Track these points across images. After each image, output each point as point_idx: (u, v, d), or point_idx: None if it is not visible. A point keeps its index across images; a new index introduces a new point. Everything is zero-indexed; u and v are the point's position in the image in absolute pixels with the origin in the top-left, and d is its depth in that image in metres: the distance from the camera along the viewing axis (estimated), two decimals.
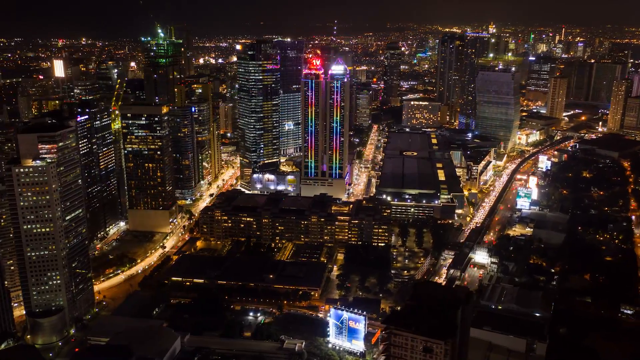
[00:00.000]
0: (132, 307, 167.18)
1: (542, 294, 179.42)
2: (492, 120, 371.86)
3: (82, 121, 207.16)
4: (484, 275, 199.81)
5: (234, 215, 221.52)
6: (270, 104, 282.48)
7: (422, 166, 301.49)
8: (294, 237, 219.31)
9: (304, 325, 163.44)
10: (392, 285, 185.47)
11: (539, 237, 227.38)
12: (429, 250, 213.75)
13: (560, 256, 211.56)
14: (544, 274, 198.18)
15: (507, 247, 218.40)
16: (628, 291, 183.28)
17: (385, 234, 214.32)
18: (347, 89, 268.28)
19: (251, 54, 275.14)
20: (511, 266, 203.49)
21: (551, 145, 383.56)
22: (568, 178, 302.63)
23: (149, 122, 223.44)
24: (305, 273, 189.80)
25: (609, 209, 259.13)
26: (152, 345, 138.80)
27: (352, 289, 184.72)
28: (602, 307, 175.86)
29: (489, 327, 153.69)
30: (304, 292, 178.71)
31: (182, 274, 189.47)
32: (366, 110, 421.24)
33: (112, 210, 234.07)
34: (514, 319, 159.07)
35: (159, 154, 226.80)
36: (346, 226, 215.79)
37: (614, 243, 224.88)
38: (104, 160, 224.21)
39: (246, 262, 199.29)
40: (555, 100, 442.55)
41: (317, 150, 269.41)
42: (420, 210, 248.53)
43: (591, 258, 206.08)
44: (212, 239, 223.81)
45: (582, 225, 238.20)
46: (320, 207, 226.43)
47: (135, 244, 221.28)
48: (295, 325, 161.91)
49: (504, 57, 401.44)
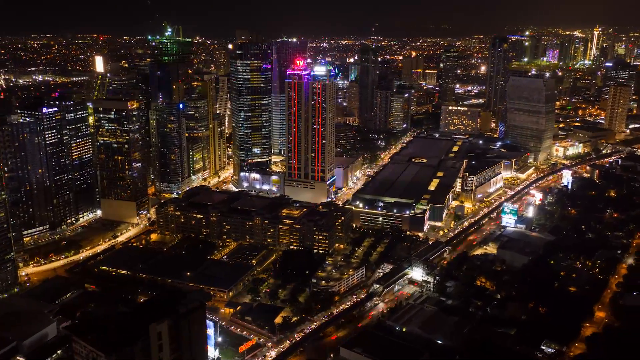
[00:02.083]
0: (43, 291, 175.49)
1: (457, 320, 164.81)
2: (522, 130, 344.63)
3: (49, 113, 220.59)
4: (412, 294, 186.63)
5: (185, 211, 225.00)
6: (259, 103, 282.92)
7: (420, 174, 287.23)
8: (239, 237, 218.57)
9: None
10: (302, 296, 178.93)
11: (503, 258, 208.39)
12: (372, 262, 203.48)
13: (515, 281, 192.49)
14: (483, 298, 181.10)
15: (461, 265, 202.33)
16: (566, 326, 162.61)
17: (326, 241, 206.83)
18: (331, 90, 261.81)
19: (239, 53, 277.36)
20: (451, 286, 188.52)
21: (593, 159, 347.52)
22: (588, 196, 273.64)
23: (117, 117, 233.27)
24: (225, 274, 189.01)
25: (610, 234, 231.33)
26: (21, 327, 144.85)
27: (263, 295, 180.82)
28: (525, 341, 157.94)
29: (360, 349, 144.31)
30: (208, 292, 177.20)
31: (111, 264, 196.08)
32: (400, 114, 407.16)
33: (89, 199, 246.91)
34: (398, 344, 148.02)
35: (126, 147, 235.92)
36: (288, 230, 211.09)
37: (589, 272, 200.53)
38: (77, 150, 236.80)
39: (175, 258, 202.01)
40: (614, 111, 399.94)
41: (300, 152, 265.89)
42: (389, 220, 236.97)
43: (548, 286, 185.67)
44: (167, 233, 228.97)
45: (565, 249, 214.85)
46: (272, 209, 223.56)
47: (98, 232, 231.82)
48: None
49: (537, 61, 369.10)
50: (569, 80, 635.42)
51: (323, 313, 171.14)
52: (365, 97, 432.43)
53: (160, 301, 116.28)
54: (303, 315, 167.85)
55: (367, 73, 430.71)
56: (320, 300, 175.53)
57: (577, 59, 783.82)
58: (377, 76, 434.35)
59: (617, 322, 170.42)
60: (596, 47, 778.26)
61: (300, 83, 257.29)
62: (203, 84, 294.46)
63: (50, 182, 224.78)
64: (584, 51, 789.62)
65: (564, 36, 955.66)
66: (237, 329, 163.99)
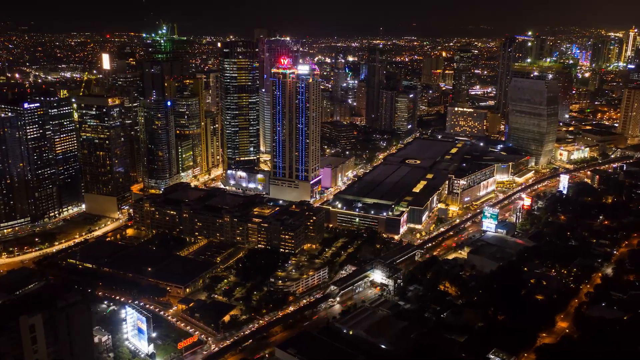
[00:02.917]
0: (6, 282, 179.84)
1: (406, 325, 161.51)
2: (523, 132, 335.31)
3: (31, 108, 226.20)
4: (372, 297, 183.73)
5: (160, 207, 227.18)
6: (246, 101, 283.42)
7: (409, 176, 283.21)
8: (210, 234, 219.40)
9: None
10: (257, 295, 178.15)
11: (472, 263, 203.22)
12: (337, 263, 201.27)
13: (480, 287, 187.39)
14: (442, 304, 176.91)
15: (428, 270, 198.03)
16: (521, 336, 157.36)
17: (292, 240, 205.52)
18: (316, 90, 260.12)
19: (226, 51, 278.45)
20: (412, 290, 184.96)
21: (599, 164, 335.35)
22: (582, 202, 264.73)
23: (99, 113, 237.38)
24: (186, 270, 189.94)
25: (595, 241, 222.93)
26: None
27: (219, 293, 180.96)
28: (473, 349, 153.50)
29: (294, 350, 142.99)
30: (164, 288, 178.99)
31: (78, 257, 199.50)
32: (404, 115, 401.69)
33: (74, 193, 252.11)
34: (334, 347, 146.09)
35: (107, 143, 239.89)
36: (256, 229, 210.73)
37: (562, 280, 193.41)
38: (61, 145, 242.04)
39: (142, 253, 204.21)
40: (628, 115, 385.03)
41: (284, 150, 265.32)
42: (365, 221, 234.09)
43: (514, 293, 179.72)
44: (143, 229, 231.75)
45: (542, 255, 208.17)
46: (245, 208, 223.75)
47: (78, 226, 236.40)
48: None
49: (540, 62, 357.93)
50: (594, 82, 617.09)
51: (274, 313, 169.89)
52: (372, 97, 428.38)
53: (41, 294, 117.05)
54: (252, 315, 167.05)
55: (373, 73, 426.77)
56: (273, 300, 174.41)
57: (611, 60, 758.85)
58: (384, 76, 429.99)
59: (577, 333, 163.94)
60: (631, 48, 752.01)
61: (284, 82, 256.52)
62: (195, 82, 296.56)
63: (32, 176, 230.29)
64: (619, 53, 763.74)
65: (598, 37, 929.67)
66: (186, 325, 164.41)
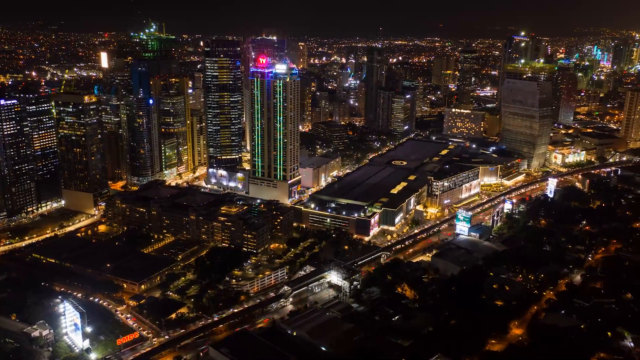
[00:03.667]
0: None
1: (351, 327, 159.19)
2: (516, 134, 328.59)
3: (7, 105, 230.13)
4: (326, 297, 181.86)
5: (130, 204, 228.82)
6: (228, 100, 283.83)
7: (390, 177, 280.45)
8: (177, 232, 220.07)
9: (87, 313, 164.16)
10: (210, 293, 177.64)
11: (436, 266, 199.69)
12: (298, 264, 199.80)
13: (439, 290, 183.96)
14: (396, 307, 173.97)
15: (389, 272, 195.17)
16: (469, 342, 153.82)
17: (254, 240, 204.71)
18: (294, 89, 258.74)
19: (207, 50, 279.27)
20: (369, 293, 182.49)
21: (594, 168, 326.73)
22: (567, 207, 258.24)
23: (75, 110, 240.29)
24: (144, 267, 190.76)
25: (571, 247, 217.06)
26: None
27: (173, 290, 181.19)
28: (416, 354, 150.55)
29: (227, 349, 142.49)
30: (118, 284, 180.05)
31: (43, 252, 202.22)
32: (400, 115, 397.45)
33: (54, 188, 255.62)
34: (268, 348, 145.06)
35: (83, 140, 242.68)
36: (220, 227, 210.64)
37: (526, 286, 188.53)
38: (39, 142, 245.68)
39: (106, 249, 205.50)
40: (631, 117, 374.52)
41: (263, 150, 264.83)
42: (336, 222, 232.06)
43: (472, 298, 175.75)
44: (115, 225, 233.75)
45: (511, 260, 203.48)
46: (213, 206, 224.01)
47: (54, 221, 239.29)
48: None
49: (532, 63, 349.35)
50: (608, 85, 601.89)
51: (223, 312, 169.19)
52: (370, 97, 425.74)
53: None
54: (199, 313, 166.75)
55: (372, 73, 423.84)
56: (224, 299, 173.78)
57: (633, 62, 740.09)
58: (383, 77, 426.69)
59: (529, 340, 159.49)
60: None
61: (263, 81, 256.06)
62: (181, 80, 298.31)
63: (8, 171, 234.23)
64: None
65: (622, 38, 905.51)
66: (134, 322, 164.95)
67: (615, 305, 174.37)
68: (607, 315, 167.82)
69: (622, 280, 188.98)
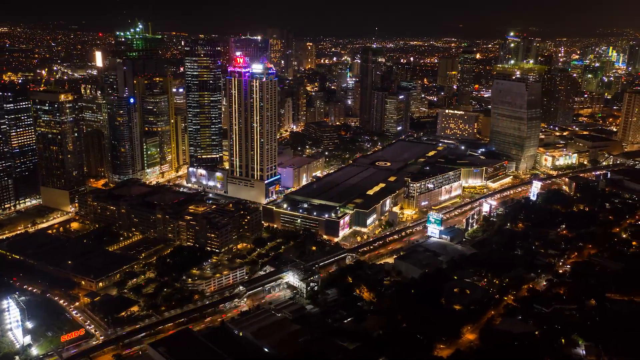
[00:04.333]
0: None
1: (298, 329, 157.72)
2: (504, 136, 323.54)
3: None
4: (283, 298, 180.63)
5: (102, 202, 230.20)
6: (208, 99, 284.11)
7: (370, 178, 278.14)
8: (145, 230, 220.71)
9: (38, 310, 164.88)
10: (165, 292, 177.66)
11: (399, 269, 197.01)
12: (259, 264, 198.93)
13: (399, 293, 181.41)
14: (351, 309, 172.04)
15: (349, 274, 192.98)
16: (417, 346, 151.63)
17: (217, 239, 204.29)
18: (271, 89, 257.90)
19: (187, 50, 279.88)
20: (326, 294, 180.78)
21: (586, 171, 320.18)
22: (547, 210, 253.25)
23: (51, 108, 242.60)
24: (105, 264, 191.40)
25: (544, 251, 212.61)
26: None
27: (129, 288, 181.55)
28: (360, 357, 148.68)
29: (164, 348, 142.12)
30: (78, 281, 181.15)
31: (9, 248, 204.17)
32: (393, 116, 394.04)
33: (33, 186, 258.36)
34: (207, 348, 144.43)
35: (59, 137, 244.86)
36: (185, 226, 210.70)
37: (488, 290, 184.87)
38: (17, 139, 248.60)
39: (71, 246, 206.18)
40: (628, 120, 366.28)
41: (241, 149, 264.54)
42: (306, 223, 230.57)
43: (431, 301, 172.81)
44: (87, 222, 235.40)
45: (479, 264, 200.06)
46: (182, 205, 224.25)
47: (29, 218, 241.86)
48: (29, 310, 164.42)
49: (521, 64, 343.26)
50: (617, 86, 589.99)
51: (175, 310, 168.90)
52: (365, 98, 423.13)
53: None
54: (150, 311, 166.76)
55: (366, 74, 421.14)
56: (179, 298, 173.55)
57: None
58: (377, 77, 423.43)
59: (479, 345, 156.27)
60: None
61: (240, 80, 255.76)
62: (164, 79, 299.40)
63: None
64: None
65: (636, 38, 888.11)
66: (85, 319, 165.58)
67: (576, 311, 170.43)
68: (566, 321, 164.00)
69: (588, 287, 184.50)
